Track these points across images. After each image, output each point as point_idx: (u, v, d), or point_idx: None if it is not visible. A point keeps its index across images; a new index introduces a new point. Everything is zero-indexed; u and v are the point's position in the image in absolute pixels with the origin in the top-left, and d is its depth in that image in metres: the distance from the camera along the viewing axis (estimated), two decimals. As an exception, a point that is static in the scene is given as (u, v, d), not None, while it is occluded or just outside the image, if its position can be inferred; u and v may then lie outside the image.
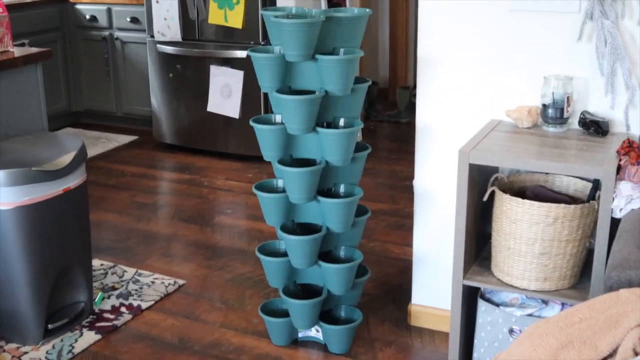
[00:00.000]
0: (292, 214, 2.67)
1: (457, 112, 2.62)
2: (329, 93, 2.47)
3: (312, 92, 2.48)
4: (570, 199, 2.35)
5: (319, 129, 2.50)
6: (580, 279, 2.30)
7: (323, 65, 2.42)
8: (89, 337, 2.82)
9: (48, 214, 2.65)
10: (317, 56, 2.42)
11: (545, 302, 2.34)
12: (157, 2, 4.87)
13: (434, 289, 2.85)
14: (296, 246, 2.58)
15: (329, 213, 2.58)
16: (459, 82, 2.58)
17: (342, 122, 2.57)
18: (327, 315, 2.76)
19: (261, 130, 2.54)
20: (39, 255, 2.67)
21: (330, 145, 2.51)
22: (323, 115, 2.55)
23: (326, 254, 2.71)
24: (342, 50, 2.49)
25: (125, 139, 5.46)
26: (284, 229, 2.63)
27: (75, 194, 2.75)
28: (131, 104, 5.59)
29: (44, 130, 3.14)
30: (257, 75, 2.50)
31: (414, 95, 2.70)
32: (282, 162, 2.56)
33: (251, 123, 2.55)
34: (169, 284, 3.25)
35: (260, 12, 2.53)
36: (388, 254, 3.54)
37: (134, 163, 4.98)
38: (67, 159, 2.68)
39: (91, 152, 5.11)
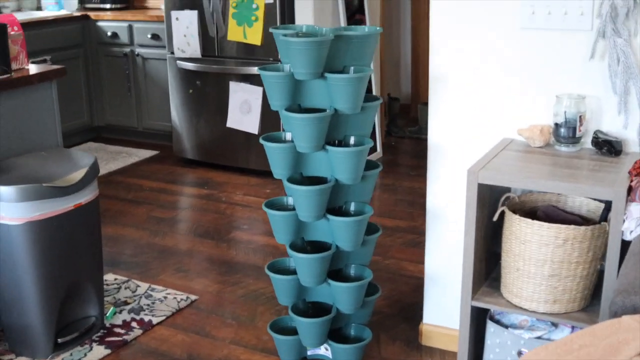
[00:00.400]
0: (302, 231, 2.65)
1: (469, 129, 2.59)
2: (338, 111, 2.45)
3: (322, 110, 2.47)
4: (582, 220, 2.31)
5: (328, 147, 2.48)
6: (591, 302, 2.25)
7: (332, 84, 2.41)
8: (99, 352, 2.83)
9: (58, 229, 2.67)
10: (327, 74, 2.40)
11: (555, 325, 2.29)
12: (177, 19, 4.91)
13: (445, 309, 2.81)
14: (305, 264, 2.57)
15: (339, 231, 2.56)
16: (471, 99, 2.56)
17: (352, 140, 2.56)
18: (336, 334, 2.74)
19: (271, 148, 2.53)
20: (48, 270, 2.68)
21: (340, 164, 2.49)
22: (333, 134, 2.53)
23: (336, 272, 2.69)
24: (352, 68, 2.47)
25: (145, 153, 5.50)
26: (294, 246, 2.61)
27: (86, 209, 2.76)
28: (152, 119, 5.64)
29: (59, 146, 3.16)
30: (266, 93, 2.50)
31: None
32: (291, 180, 2.55)
33: (261, 141, 2.55)
34: (182, 299, 3.25)
35: (270, 30, 2.52)
36: (403, 271, 3.51)
37: (153, 178, 5.00)
38: (78, 175, 2.70)
39: (111, 166, 5.15)
